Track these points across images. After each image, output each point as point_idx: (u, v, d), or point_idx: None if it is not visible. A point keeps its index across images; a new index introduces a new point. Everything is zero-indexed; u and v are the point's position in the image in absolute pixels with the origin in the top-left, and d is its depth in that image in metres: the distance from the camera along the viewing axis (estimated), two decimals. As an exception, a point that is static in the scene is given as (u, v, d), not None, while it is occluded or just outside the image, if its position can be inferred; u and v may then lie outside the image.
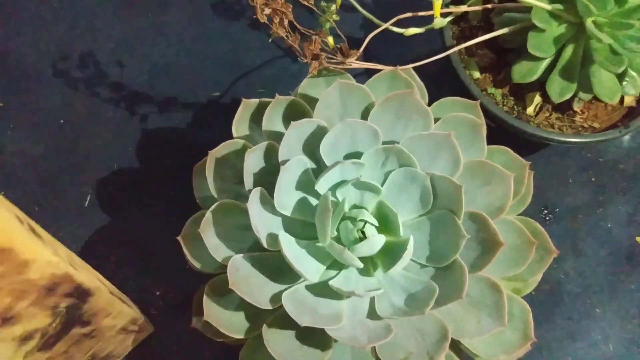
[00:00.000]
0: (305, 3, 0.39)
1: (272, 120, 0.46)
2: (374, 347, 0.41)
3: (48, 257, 0.25)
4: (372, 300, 0.42)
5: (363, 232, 0.42)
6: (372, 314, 0.41)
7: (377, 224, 0.42)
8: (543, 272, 0.44)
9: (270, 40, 0.44)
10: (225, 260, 0.41)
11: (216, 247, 0.42)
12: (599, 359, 0.56)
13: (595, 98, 0.54)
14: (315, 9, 0.41)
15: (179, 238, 0.44)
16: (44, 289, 0.26)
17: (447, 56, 0.53)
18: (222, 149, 0.45)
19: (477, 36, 0.53)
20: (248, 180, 0.42)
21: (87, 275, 0.32)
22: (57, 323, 0.31)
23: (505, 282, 0.45)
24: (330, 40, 0.42)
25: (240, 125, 0.47)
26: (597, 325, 0.57)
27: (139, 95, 0.64)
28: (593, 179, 0.62)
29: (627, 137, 0.63)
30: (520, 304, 0.43)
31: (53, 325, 0.31)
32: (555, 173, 0.62)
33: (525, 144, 0.57)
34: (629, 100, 0.56)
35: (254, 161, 0.43)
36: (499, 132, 0.52)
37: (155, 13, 0.67)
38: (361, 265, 0.41)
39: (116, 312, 0.39)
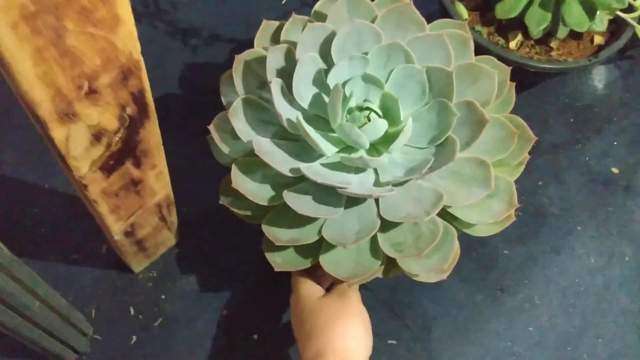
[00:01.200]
0: None
1: (290, 34, 0.53)
2: (378, 208, 0.47)
3: (132, 26, 0.32)
4: (377, 175, 0.48)
5: (369, 119, 0.49)
6: (377, 183, 0.47)
7: (381, 113, 0.49)
8: (524, 157, 0.51)
9: None
10: (250, 141, 0.48)
11: (243, 131, 0.49)
12: (582, 270, 0.62)
13: (570, 36, 0.62)
14: None
15: (210, 126, 0.50)
16: (122, 71, 0.32)
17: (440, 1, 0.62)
18: (246, 55, 0.52)
19: (465, -17, 0.62)
20: (271, 74, 0.49)
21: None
22: (119, 137, 0.37)
23: (494, 169, 0.51)
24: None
25: (261, 41, 0.54)
26: (579, 241, 0.63)
27: (168, 34, 0.71)
28: (571, 120, 0.69)
29: (601, 85, 0.71)
30: (506, 180, 0.49)
31: (116, 137, 0.37)
32: (538, 114, 0.69)
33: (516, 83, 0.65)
34: (598, 40, 0.64)
35: (275, 58, 0.50)
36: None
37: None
38: (367, 143, 0.48)
39: (159, 169, 0.45)
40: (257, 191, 0.48)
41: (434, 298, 0.60)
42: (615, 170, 0.67)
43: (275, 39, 0.55)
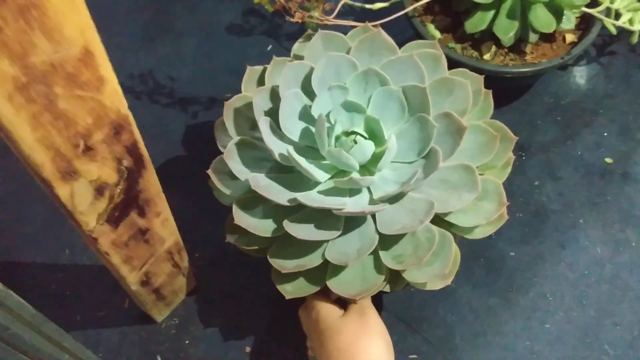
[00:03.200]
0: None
1: (273, 76, 0.56)
2: (376, 225, 0.49)
3: (116, 85, 0.35)
4: (371, 193, 0.51)
5: (356, 142, 0.51)
6: (372, 201, 0.50)
7: (367, 135, 0.52)
8: (508, 157, 0.53)
9: (256, 1, 0.54)
10: (247, 179, 0.51)
11: (240, 170, 0.52)
12: (590, 261, 0.63)
13: (542, 39, 0.65)
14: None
15: (209, 171, 0.53)
16: (113, 127, 0.35)
17: (412, 23, 0.65)
18: (235, 102, 0.56)
19: (432, 7, 0.65)
20: (258, 114, 0.52)
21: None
22: (120, 189, 0.40)
23: (481, 175, 0.53)
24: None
25: (247, 86, 0.58)
26: (583, 233, 0.64)
27: (168, 105, 0.76)
28: (559, 118, 0.71)
29: (583, 81, 0.73)
30: (493, 182, 0.51)
31: (118, 189, 0.40)
32: (525, 118, 0.72)
33: (495, 95, 0.68)
34: (570, 38, 0.66)
35: (261, 99, 0.53)
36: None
37: (173, 42, 0.81)
38: (357, 165, 0.50)
39: (163, 216, 0.48)
40: (259, 225, 0.51)
41: (449, 308, 0.61)
42: (609, 160, 0.68)
43: (261, 82, 0.58)
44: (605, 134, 0.70)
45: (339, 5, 0.59)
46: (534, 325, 0.60)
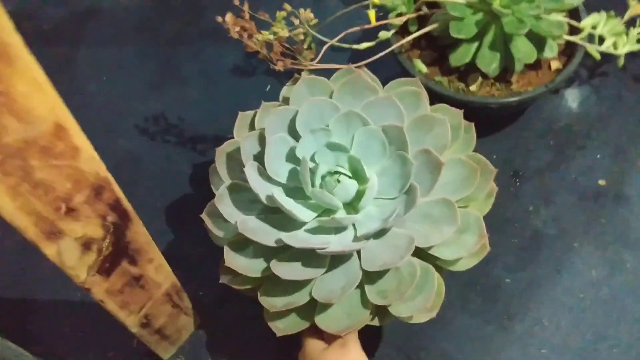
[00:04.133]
0: (262, 18, 0.54)
1: (263, 120, 0.59)
2: (360, 261, 0.51)
3: (92, 151, 0.38)
4: (356, 230, 0.52)
5: (339, 182, 0.53)
6: (356, 238, 0.52)
7: (350, 174, 0.54)
8: (490, 188, 0.54)
9: (246, 50, 0.57)
10: (237, 222, 0.53)
11: (230, 214, 0.54)
12: (586, 285, 0.63)
13: (528, 67, 0.66)
14: (271, 21, 0.56)
15: (203, 215, 0.56)
16: (93, 189, 0.38)
17: (398, 59, 0.67)
18: (227, 147, 0.58)
19: (418, 43, 0.67)
20: (246, 159, 0.55)
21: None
22: (108, 242, 0.43)
23: (464, 208, 0.55)
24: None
25: (239, 131, 0.61)
26: (578, 257, 0.65)
27: (178, 145, 0.79)
28: (552, 143, 0.72)
29: (575, 105, 0.74)
30: (474, 215, 0.53)
31: (105, 242, 0.43)
32: (519, 144, 0.73)
33: (489, 123, 0.69)
34: (555, 65, 0.67)
35: (249, 144, 0.56)
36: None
37: (178, 87, 0.84)
38: (340, 204, 0.52)
39: (157, 262, 0.51)
40: (249, 265, 0.53)
41: (446, 336, 0.62)
42: (602, 182, 0.69)
43: (253, 126, 0.61)
44: (599, 156, 0.70)
45: (323, 50, 0.61)
46: (531, 352, 0.60)
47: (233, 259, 0.53)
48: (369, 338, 0.61)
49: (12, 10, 0.97)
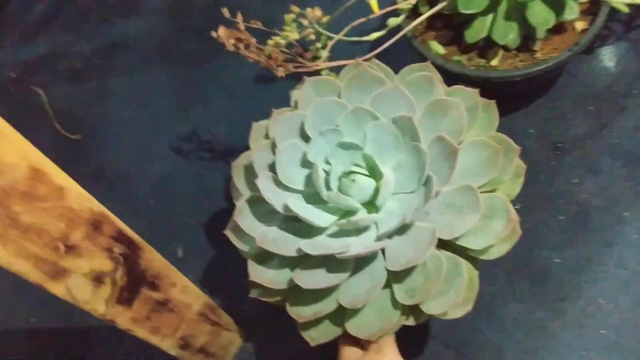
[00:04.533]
0: (255, 26, 0.53)
1: (274, 129, 0.58)
2: (385, 262, 0.49)
3: (79, 188, 0.38)
4: (378, 229, 0.51)
5: (354, 181, 0.52)
6: (377, 238, 0.50)
7: (367, 172, 0.52)
8: (516, 168, 0.51)
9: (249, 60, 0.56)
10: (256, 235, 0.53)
11: (250, 227, 0.53)
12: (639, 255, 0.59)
13: (551, 32, 0.62)
14: (265, 29, 0.55)
15: (226, 231, 0.56)
16: (90, 224, 0.38)
17: (411, 44, 0.65)
18: (242, 159, 0.58)
19: (433, 24, 0.65)
20: (259, 169, 0.54)
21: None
22: (121, 273, 0.43)
23: (491, 192, 0.52)
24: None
25: (255, 141, 0.60)
26: (630, 226, 0.60)
27: (210, 161, 0.80)
28: (591, 108, 0.67)
29: (612, 64, 0.69)
30: (500, 198, 0.50)
31: (118, 273, 0.43)
32: (555, 114, 0.68)
33: (518, 97, 0.66)
34: (580, 25, 0.63)
35: (262, 155, 0.55)
36: (486, 93, 0.60)
37: (204, 105, 0.85)
38: (357, 204, 0.51)
39: (181, 284, 0.51)
40: (274, 278, 0.52)
41: (495, 327, 0.59)
42: (650, 143, 0.64)
43: (268, 135, 0.60)
44: (644, 116, 0.65)
45: (329, 46, 0.60)
46: (588, 334, 0.57)
47: (258, 273, 0.52)
48: (414, 336, 0.60)
49: (46, 51, 1.01)
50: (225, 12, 0.50)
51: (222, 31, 0.51)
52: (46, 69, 0.99)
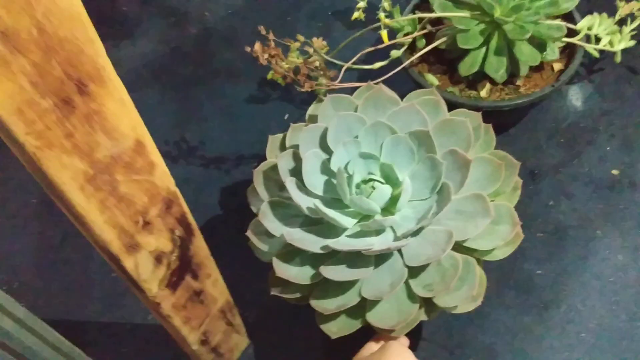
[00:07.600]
0: (287, 43, 0.58)
1: (293, 140, 0.63)
2: (403, 259, 0.54)
3: (164, 166, 0.41)
4: (395, 231, 0.56)
5: (374, 188, 0.57)
6: (396, 238, 0.55)
7: (383, 180, 0.58)
8: (516, 181, 0.58)
9: (268, 77, 0.61)
10: (282, 235, 0.56)
11: (274, 228, 0.57)
12: (614, 269, 0.66)
13: (532, 71, 0.71)
14: (291, 44, 0.60)
15: (248, 232, 0.59)
16: (164, 202, 0.42)
17: (410, 74, 0.72)
18: (262, 167, 0.62)
19: (427, 58, 0.72)
20: (284, 175, 0.58)
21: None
22: (175, 256, 0.46)
23: (495, 199, 0.58)
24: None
25: (272, 152, 0.64)
26: (602, 243, 0.68)
27: (206, 177, 0.83)
28: (562, 140, 0.76)
29: (579, 103, 0.79)
30: (506, 206, 0.56)
31: (173, 256, 0.46)
32: (531, 144, 0.77)
33: (498, 127, 0.73)
34: (557, 66, 0.72)
35: (285, 162, 0.59)
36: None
37: (199, 125, 0.88)
38: (378, 208, 0.56)
39: (214, 277, 0.53)
40: (298, 274, 0.56)
41: (486, 330, 0.65)
42: (615, 172, 0.72)
43: (283, 147, 0.64)
44: (608, 148, 0.74)
45: (342, 71, 0.66)
46: (570, 336, 0.63)
47: (283, 270, 0.56)
48: (411, 338, 0.64)
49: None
50: (262, 30, 0.55)
51: (257, 46, 0.56)
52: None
